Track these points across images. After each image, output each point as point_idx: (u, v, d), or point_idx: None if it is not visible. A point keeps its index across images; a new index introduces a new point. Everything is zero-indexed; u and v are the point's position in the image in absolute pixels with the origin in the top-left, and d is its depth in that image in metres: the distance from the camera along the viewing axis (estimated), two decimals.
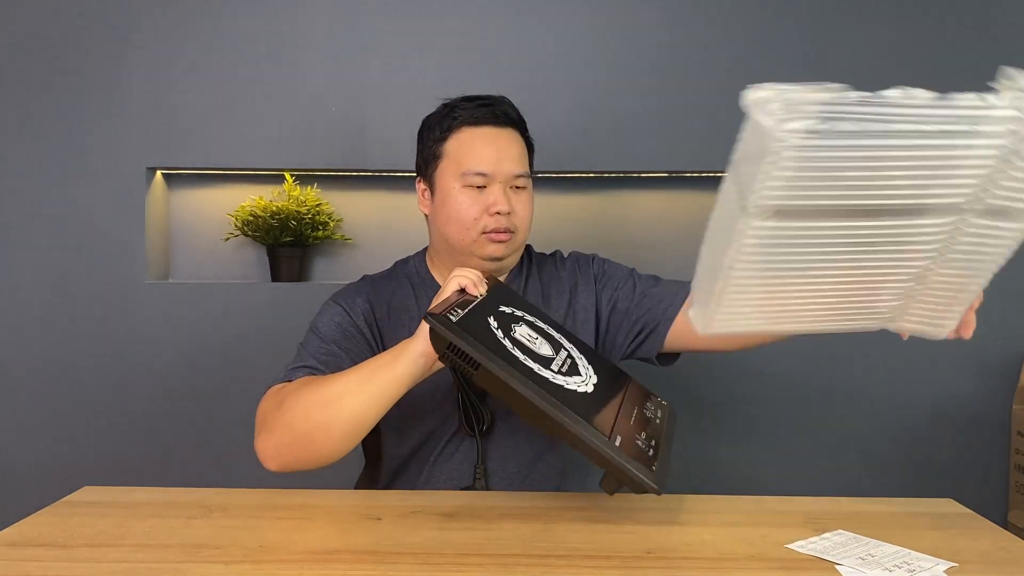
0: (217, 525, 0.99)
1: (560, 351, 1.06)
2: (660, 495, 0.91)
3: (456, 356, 0.95)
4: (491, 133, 1.22)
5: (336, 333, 1.22)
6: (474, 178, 1.20)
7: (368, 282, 1.32)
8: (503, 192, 1.20)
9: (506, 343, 0.98)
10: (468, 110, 1.23)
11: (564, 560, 0.87)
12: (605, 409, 0.99)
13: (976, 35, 1.92)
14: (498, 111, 1.23)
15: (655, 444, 0.99)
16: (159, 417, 1.92)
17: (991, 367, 1.92)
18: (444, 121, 1.24)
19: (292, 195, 1.96)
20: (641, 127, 1.93)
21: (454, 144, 1.23)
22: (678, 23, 1.92)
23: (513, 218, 1.21)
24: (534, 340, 1.04)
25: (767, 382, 1.93)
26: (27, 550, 0.90)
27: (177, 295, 1.92)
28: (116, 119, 1.91)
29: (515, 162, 1.22)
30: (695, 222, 2.06)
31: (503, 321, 1.03)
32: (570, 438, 0.92)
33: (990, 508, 1.89)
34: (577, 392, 0.98)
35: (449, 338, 0.94)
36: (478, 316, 1.01)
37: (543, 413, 0.92)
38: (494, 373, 0.93)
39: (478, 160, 1.20)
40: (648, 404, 1.10)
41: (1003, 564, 0.90)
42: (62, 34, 1.91)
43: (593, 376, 1.05)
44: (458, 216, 1.21)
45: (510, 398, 0.94)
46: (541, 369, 0.98)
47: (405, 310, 1.26)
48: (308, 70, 1.92)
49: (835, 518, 1.04)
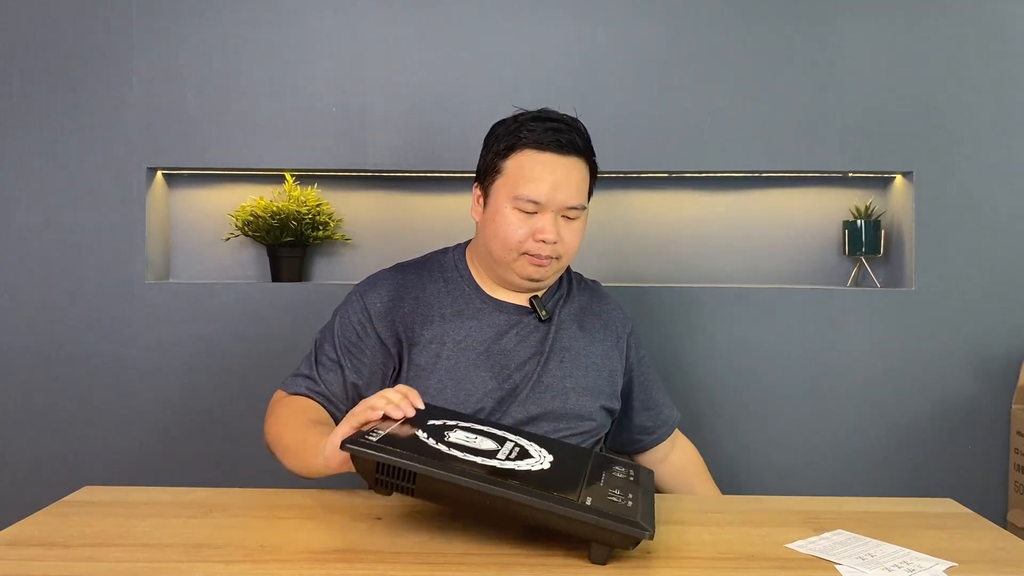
0: (217, 525, 0.99)
1: (505, 443, 0.99)
2: (653, 538, 0.85)
3: (388, 476, 0.86)
4: (552, 161, 1.20)
5: (349, 335, 1.24)
6: (526, 204, 1.19)
7: (398, 270, 1.31)
8: (553, 221, 1.19)
9: (441, 447, 0.91)
10: (535, 132, 1.20)
11: (564, 560, 0.87)
12: (568, 478, 0.93)
13: (976, 36, 1.92)
14: (564, 139, 1.20)
15: (632, 496, 0.93)
16: (159, 417, 1.92)
17: (991, 367, 1.92)
18: (510, 137, 1.22)
19: (292, 195, 1.96)
20: (641, 127, 1.93)
21: (514, 164, 1.21)
22: (678, 23, 1.92)
23: (559, 247, 1.21)
24: (473, 439, 0.97)
25: (767, 382, 1.93)
26: (27, 550, 0.90)
27: (177, 295, 1.92)
28: (116, 119, 1.91)
29: (571, 193, 1.20)
30: (695, 222, 2.07)
31: (434, 431, 0.96)
32: (538, 515, 0.85)
33: (990, 508, 1.89)
34: (532, 471, 0.92)
35: (374, 458, 0.86)
36: (403, 432, 0.94)
37: (502, 499, 0.85)
38: (435, 478, 0.85)
39: (534, 187, 1.18)
40: (617, 467, 1.03)
41: (1003, 564, 0.90)
42: (62, 34, 1.91)
43: (548, 456, 0.99)
44: (504, 235, 1.20)
45: (462, 499, 0.87)
46: (486, 460, 0.91)
47: (434, 305, 1.26)
48: (308, 70, 1.92)
49: (835, 518, 1.04)
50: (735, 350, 1.92)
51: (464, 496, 0.86)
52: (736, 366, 1.93)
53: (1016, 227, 1.93)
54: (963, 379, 1.93)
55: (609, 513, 0.86)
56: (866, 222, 1.97)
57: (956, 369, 1.93)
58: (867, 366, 1.92)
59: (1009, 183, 1.93)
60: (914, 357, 1.92)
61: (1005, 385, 1.92)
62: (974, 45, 1.92)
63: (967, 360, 1.92)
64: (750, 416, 1.93)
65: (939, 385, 1.93)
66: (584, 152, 1.23)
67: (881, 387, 1.92)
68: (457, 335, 1.23)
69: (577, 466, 0.99)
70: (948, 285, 1.92)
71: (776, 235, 2.06)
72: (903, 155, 1.92)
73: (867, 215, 1.98)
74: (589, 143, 1.25)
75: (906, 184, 1.96)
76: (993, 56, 1.92)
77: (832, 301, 1.92)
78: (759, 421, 1.93)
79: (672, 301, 1.92)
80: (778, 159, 1.93)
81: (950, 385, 1.93)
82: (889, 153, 1.92)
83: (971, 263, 1.92)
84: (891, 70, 1.92)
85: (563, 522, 0.85)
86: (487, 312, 1.26)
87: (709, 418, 1.93)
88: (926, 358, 1.92)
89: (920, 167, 1.92)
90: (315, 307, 1.88)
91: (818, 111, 1.91)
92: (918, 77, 1.92)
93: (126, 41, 1.91)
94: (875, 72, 1.92)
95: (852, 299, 1.93)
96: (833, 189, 2.05)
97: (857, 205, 2.00)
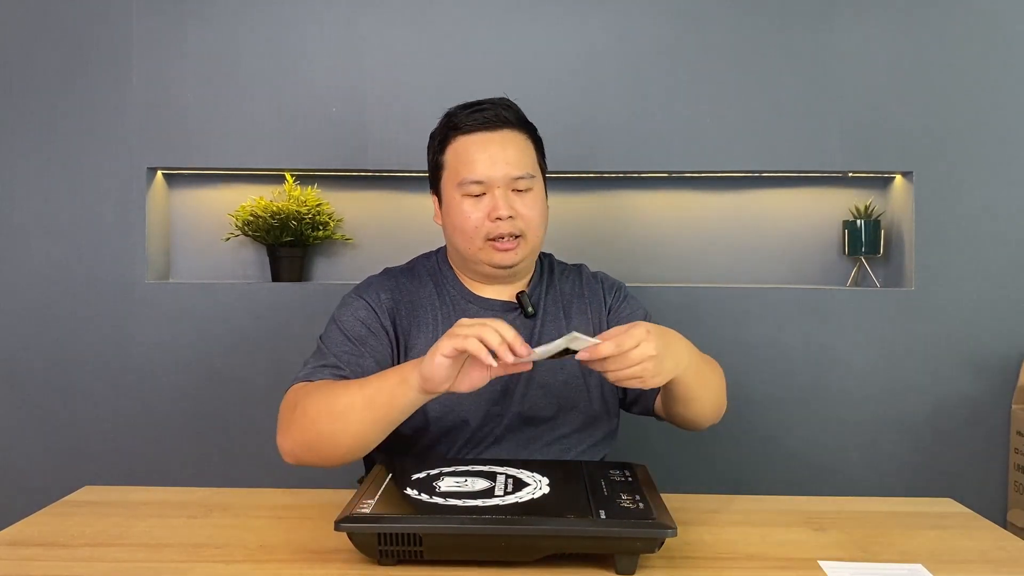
0: (217, 525, 0.99)
1: (497, 478, 0.99)
2: (676, 534, 0.84)
3: (392, 545, 0.85)
4: (484, 139, 1.20)
5: (360, 329, 1.20)
6: (471, 187, 1.19)
7: (391, 277, 1.29)
8: (503, 196, 1.18)
9: (437, 500, 0.90)
10: (461, 117, 1.22)
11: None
12: (574, 497, 0.93)
13: (976, 36, 1.92)
14: (490, 115, 1.21)
15: (640, 497, 0.93)
16: (159, 417, 1.92)
17: (991, 367, 1.92)
18: (442, 131, 1.24)
19: (292, 195, 1.96)
20: (641, 127, 1.93)
21: (451, 154, 1.22)
22: (678, 23, 1.92)
23: (518, 222, 1.19)
24: (464, 483, 0.96)
25: (767, 382, 1.93)
26: (27, 550, 0.90)
27: (177, 295, 1.92)
28: (116, 119, 1.91)
29: (512, 164, 1.20)
30: (695, 222, 2.07)
31: (422, 486, 0.95)
32: (560, 543, 0.84)
33: (990, 508, 1.89)
34: (536, 499, 0.91)
35: (373, 531, 0.85)
36: (391, 496, 0.93)
37: (517, 535, 0.84)
38: (444, 534, 0.84)
39: (471, 167, 1.19)
40: (611, 471, 1.03)
41: (1003, 564, 0.90)
42: (62, 35, 1.91)
43: (542, 478, 0.98)
44: (461, 225, 1.20)
45: (475, 547, 0.85)
46: (487, 501, 0.90)
47: (428, 308, 1.25)
48: (308, 70, 1.92)
49: (835, 518, 1.04)
50: (735, 350, 1.92)
51: (477, 544, 0.85)
52: (736, 366, 1.92)
53: (1016, 227, 1.93)
54: (963, 379, 1.93)
55: (630, 521, 0.85)
56: (866, 222, 1.97)
57: (956, 369, 1.92)
58: (867, 366, 1.92)
59: (1009, 183, 1.92)
60: (914, 357, 1.92)
61: (1005, 385, 1.92)
62: (974, 45, 1.92)
63: (967, 360, 1.92)
64: (750, 416, 1.93)
65: (939, 385, 1.93)
66: (517, 124, 1.23)
67: (881, 387, 1.92)
68: None
69: (576, 481, 0.99)
70: (948, 285, 1.92)
71: (776, 235, 2.06)
72: (903, 155, 1.92)
73: (867, 215, 1.98)
74: (521, 115, 1.24)
75: (906, 184, 1.96)
76: (993, 56, 1.92)
77: (832, 301, 1.92)
78: (759, 421, 1.93)
79: (672, 301, 1.92)
80: (778, 159, 1.93)
81: (950, 385, 1.93)
82: (889, 153, 1.92)
83: (971, 263, 1.92)
84: (891, 70, 1.92)
85: (586, 542, 0.84)
86: (472, 312, 1.24)
87: None
88: (926, 358, 1.92)
89: (920, 167, 1.92)
90: (315, 307, 1.88)
91: (818, 111, 1.91)
92: (918, 77, 1.92)
93: (126, 41, 1.91)
94: (875, 72, 1.92)
95: (852, 299, 1.93)
96: (833, 189, 2.05)
97: (857, 205, 2.00)
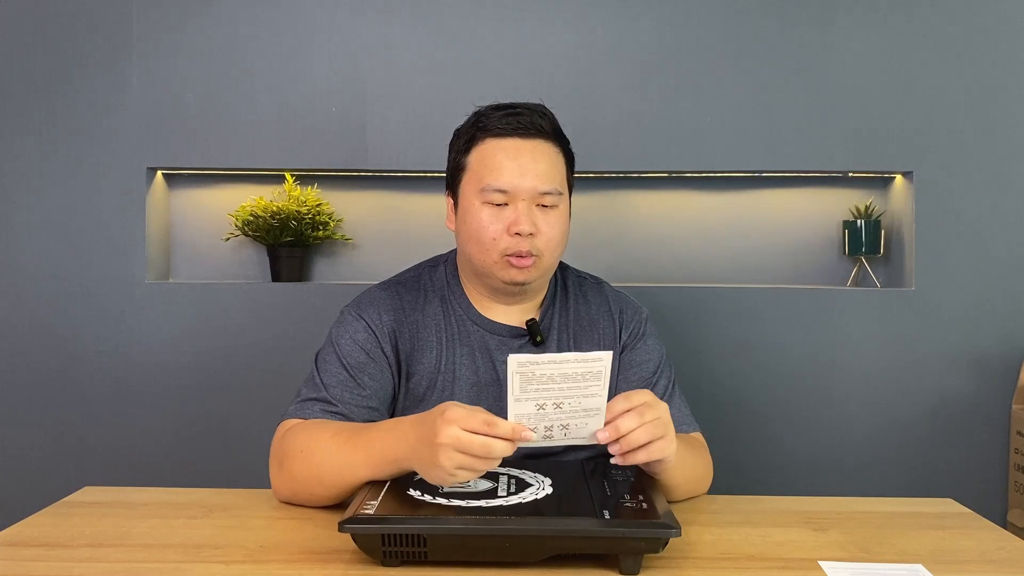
0: (217, 525, 0.99)
1: (499, 478, 0.98)
2: (680, 534, 0.84)
3: (396, 546, 0.84)
4: (514, 145, 1.13)
5: (358, 356, 1.14)
6: (494, 194, 1.11)
7: (394, 293, 1.20)
8: (527, 210, 1.11)
9: (440, 501, 0.90)
10: (494, 119, 1.14)
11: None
12: (578, 497, 0.93)
13: (976, 36, 1.92)
14: (525, 120, 1.13)
15: (643, 496, 0.92)
16: (159, 417, 1.92)
17: (991, 367, 1.92)
18: (470, 131, 1.16)
19: (292, 195, 1.96)
20: (641, 127, 1.93)
21: (476, 156, 1.14)
22: (678, 24, 1.92)
23: (536, 240, 1.12)
24: (467, 483, 0.95)
25: (767, 382, 1.93)
26: (27, 550, 0.90)
27: (177, 295, 1.92)
28: (116, 119, 1.91)
29: (541, 178, 1.12)
30: (695, 222, 2.07)
31: (425, 487, 0.94)
32: (565, 543, 0.84)
33: (990, 508, 1.89)
34: (540, 499, 0.91)
35: (379, 532, 0.84)
36: (395, 497, 0.92)
37: (521, 536, 0.83)
38: (448, 535, 0.84)
39: (498, 175, 1.11)
40: (614, 472, 1.02)
41: (1003, 564, 0.90)
42: (62, 34, 1.91)
43: (545, 478, 0.98)
44: (478, 234, 1.12)
45: (479, 547, 0.85)
46: (490, 501, 0.89)
47: (432, 329, 1.18)
48: (308, 70, 1.92)
49: (835, 518, 1.04)
50: (735, 350, 1.92)
51: (481, 544, 0.84)
52: (736, 366, 1.93)
53: (1016, 227, 1.93)
54: (963, 379, 1.93)
55: (634, 521, 0.85)
56: (866, 222, 1.96)
57: (956, 369, 1.92)
58: (867, 366, 1.92)
59: (1009, 183, 1.92)
60: (914, 357, 1.92)
61: (1005, 385, 1.92)
62: (974, 45, 1.92)
63: (967, 360, 1.92)
64: (750, 416, 1.93)
65: (939, 385, 1.93)
66: (552, 135, 1.16)
67: (881, 387, 1.92)
68: (450, 364, 1.17)
69: (578, 480, 0.99)
70: (948, 285, 1.92)
71: (776, 235, 2.06)
72: (903, 155, 1.92)
73: (867, 215, 1.98)
74: (557, 126, 1.17)
75: (906, 184, 1.96)
76: (993, 56, 1.92)
77: (832, 301, 1.92)
78: (759, 421, 1.93)
79: (672, 301, 1.92)
80: (778, 159, 1.93)
81: (950, 385, 1.93)
82: (889, 153, 1.92)
83: (971, 263, 1.92)
84: (891, 70, 1.92)
85: (591, 542, 0.84)
86: (479, 336, 1.19)
87: (709, 418, 1.92)
88: (926, 358, 1.92)
89: (920, 167, 1.92)
90: (315, 307, 1.88)
91: (818, 111, 1.91)
92: (918, 77, 1.92)
93: (126, 41, 1.91)
94: (875, 72, 1.92)
95: (852, 299, 1.93)
96: (833, 189, 2.05)
97: (857, 205, 2.00)
